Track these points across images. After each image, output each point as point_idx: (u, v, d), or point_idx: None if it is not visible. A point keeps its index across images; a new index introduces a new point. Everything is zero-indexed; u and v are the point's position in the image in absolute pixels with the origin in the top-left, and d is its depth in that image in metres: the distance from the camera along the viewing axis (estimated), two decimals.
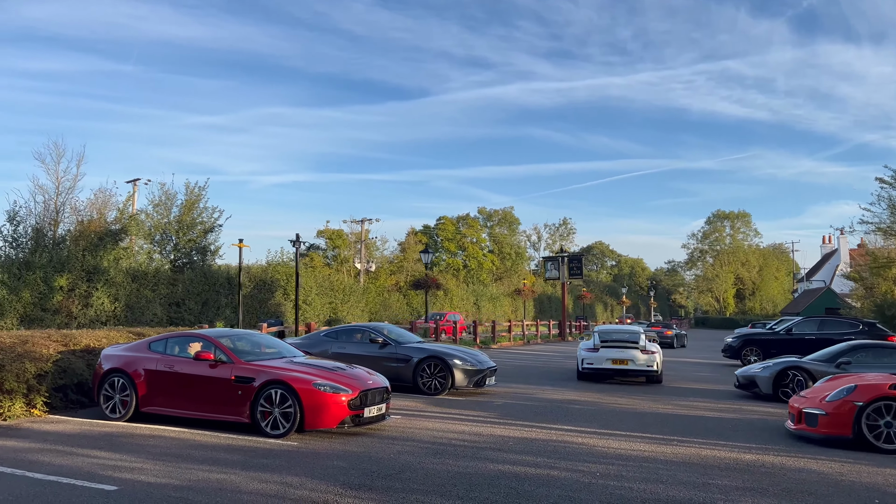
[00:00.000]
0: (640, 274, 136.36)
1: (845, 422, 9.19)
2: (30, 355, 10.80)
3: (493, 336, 31.94)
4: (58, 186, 29.51)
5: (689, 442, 9.50)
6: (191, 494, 6.36)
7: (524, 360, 24.99)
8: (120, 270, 28.91)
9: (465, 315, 52.99)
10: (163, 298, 30.75)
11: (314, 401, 9.08)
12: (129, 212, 31.88)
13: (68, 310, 27.10)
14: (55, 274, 26.58)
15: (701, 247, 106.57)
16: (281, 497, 6.33)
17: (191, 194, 33.89)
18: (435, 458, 8.10)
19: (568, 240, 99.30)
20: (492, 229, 79.03)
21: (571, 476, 7.36)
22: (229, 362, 9.74)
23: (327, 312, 39.09)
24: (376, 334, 14.53)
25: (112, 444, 8.56)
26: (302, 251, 59.55)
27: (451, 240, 69.45)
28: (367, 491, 6.59)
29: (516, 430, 10.14)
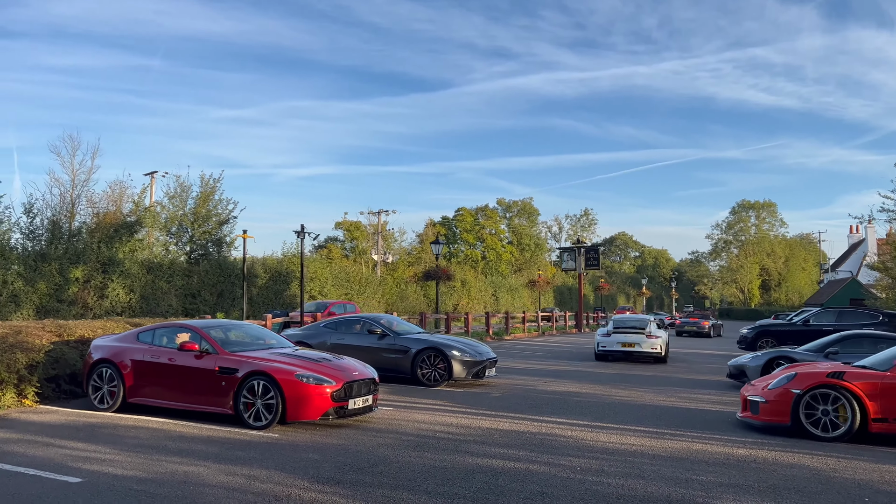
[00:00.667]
0: (663, 265, 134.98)
1: (784, 409, 9.22)
2: (21, 346, 10.81)
3: (506, 327, 31.67)
4: (73, 179, 29.80)
5: (683, 435, 9.21)
6: (152, 487, 6.25)
7: (533, 351, 24.72)
8: (135, 262, 29.12)
9: (484, 306, 52.82)
10: (178, 290, 30.97)
11: (297, 392, 8.95)
12: (144, 204, 32.12)
13: (84, 301, 27.39)
14: (71, 265, 26.85)
15: (725, 237, 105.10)
16: (243, 490, 6.19)
17: (205, 186, 34.06)
18: (414, 451, 7.92)
19: (589, 230, 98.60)
20: (511, 220, 78.59)
21: (550, 471, 7.14)
22: (214, 353, 9.64)
23: None
24: (375, 325, 14.37)
25: (92, 435, 8.50)
26: (321, 242, 59.80)
27: (469, 231, 69.14)
28: (334, 485, 6.43)
29: (506, 422, 9.92)
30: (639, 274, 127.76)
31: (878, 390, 8.85)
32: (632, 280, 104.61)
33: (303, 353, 10.11)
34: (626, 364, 20.16)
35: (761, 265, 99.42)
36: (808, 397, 9.10)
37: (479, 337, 29.00)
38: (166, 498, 5.94)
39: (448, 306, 47.22)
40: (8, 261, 24.68)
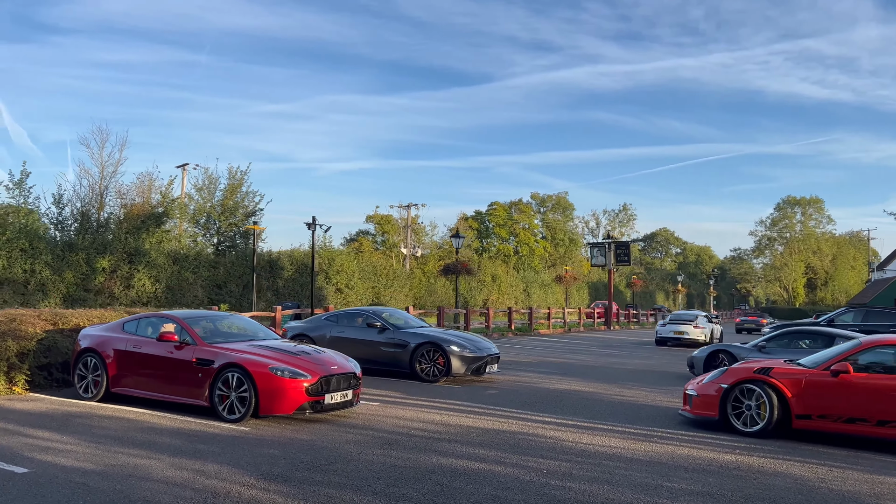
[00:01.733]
0: (706, 262, 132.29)
1: (713, 403, 9.32)
2: (13, 333, 10.88)
3: (529, 323, 31.19)
4: (102, 171, 30.32)
5: (674, 438, 8.76)
6: (95, 480, 6.11)
7: (552, 348, 24.27)
8: (161, 253, 29.43)
9: (515, 301, 52.33)
10: (204, 281, 31.24)
11: (270, 385, 8.76)
12: (172, 195, 32.49)
13: (110, 290, 27.78)
14: (98, 255, 27.24)
15: (769, 234, 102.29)
16: (183, 486, 6.01)
17: (233, 178, 34.35)
18: (381, 448, 7.67)
19: (628, 226, 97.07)
20: (545, 215, 77.71)
21: (514, 473, 6.81)
22: (193, 344, 9.53)
23: (370, 297, 39.07)
24: (375, 319, 14.15)
25: (63, 425, 8.45)
26: (352, 236, 59.99)
27: (502, 226, 68.57)
28: (280, 483, 6.21)
29: (491, 420, 9.60)
30: (680, 271, 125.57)
31: (801, 387, 8.79)
32: (671, 277, 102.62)
33: (283, 345, 9.91)
34: (649, 361, 19.62)
35: (807, 263, 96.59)
36: (737, 392, 9.18)
37: (500, 333, 28.67)
38: (102, 492, 5.79)
39: (477, 301, 46.88)
40: (37, 250, 25.12)
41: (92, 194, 29.98)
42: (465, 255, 54.69)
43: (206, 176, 34.68)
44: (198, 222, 34.34)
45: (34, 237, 25.38)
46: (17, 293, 24.48)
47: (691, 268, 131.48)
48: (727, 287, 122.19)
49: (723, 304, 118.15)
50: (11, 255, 24.25)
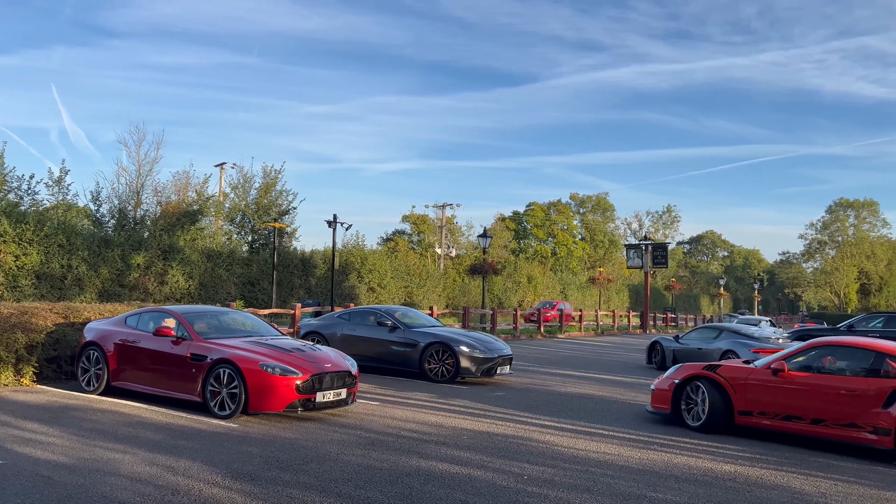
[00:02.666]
0: (755, 265, 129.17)
1: (666, 397, 9.67)
2: (23, 326, 11.04)
3: (560, 325, 30.71)
4: (139, 168, 30.89)
5: (674, 446, 8.37)
6: (61, 473, 6.08)
7: (578, 350, 23.80)
8: (195, 250, 29.85)
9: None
10: (237, 278, 31.61)
11: (260, 382, 8.66)
12: (206, 194, 32.93)
13: (145, 286, 28.26)
14: (133, 252, 27.75)
15: (820, 237, 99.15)
16: (146, 482, 5.92)
17: (267, 177, 34.68)
18: (363, 449, 7.49)
19: (672, 228, 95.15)
20: (584, 216, 76.66)
21: (493, 478, 6.55)
22: (189, 339, 9.50)
23: (402, 296, 39.05)
24: (386, 317, 14.00)
25: (55, 418, 8.50)
26: (388, 235, 60.06)
27: (540, 226, 67.86)
28: (245, 482, 6.08)
29: (487, 423, 9.34)
30: (726, 274, 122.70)
31: (745, 385, 9.02)
32: (716, 280, 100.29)
33: (278, 342, 9.74)
34: None
35: (860, 268, 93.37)
36: (688, 387, 9.50)
37: (528, 334, 28.28)
38: (63, 486, 5.74)
39: (512, 302, 46.49)
40: (74, 246, 25.67)
41: (129, 192, 30.63)
42: (501, 256, 54.29)
43: (241, 175, 35.14)
44: (233, 220, 34.80)
45: (71, 233, 25.93)
46: (55, 288, 25.04)
47: (738, 271, 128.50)
48: (776, 291, 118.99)
49: (771, 308, 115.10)
50: (49, 250, 24.80)
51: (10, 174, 26.96)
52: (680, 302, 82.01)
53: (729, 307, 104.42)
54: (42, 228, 24.69)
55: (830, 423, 8.32)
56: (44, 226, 24.89)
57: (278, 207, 34.54)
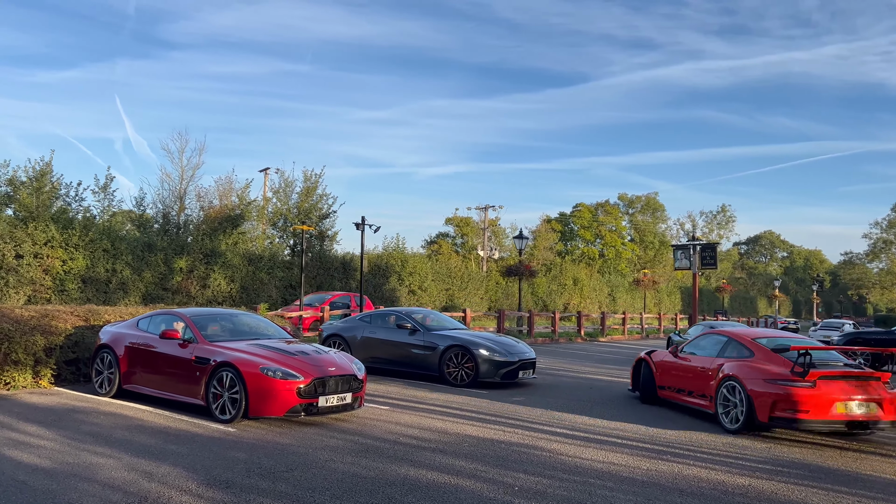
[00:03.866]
0: (816, 266, 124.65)
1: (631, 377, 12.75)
2: (42, 329, 11.18)
3: (601, 328, 29.96)
4: (182, 174, 31.51)
5: (688, 456, 7.86)
6: (37, 478, 5.99)
7: (617, 354, 23.11)
8: (237, 253, 30.22)
9: (598, 306, 50.78)
10: (279, 281, 31.92)
11: (260, 386, 8.49)
12: (248, 198, 33.32)
13: (187, 290, 28.74)
14: (175, 256, 28.23)
15: (886, 236, 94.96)
16: (118, 488, 5.78)
17: (308, 181, 34.93)
18: (354, 456, 7.24)
19: (727, 228, 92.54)
20: (633, 217, 75.08)
21: (481, 488, 6.21)
22: (195, 342, 9.42)
23: (443, 299, 38.85)
24: (406, 320, 13.74)
25: (57, 420, 8.51)
26: (432, 238, 59.90)
27: (587, 228, 66.75)
28: (219, 489, 5.88)
29: (495, 430, 8.98)
30: (786, 276, 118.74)
31: (656, 365, 11.69)
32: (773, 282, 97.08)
33: (283, 345, 9.54)
34: None
35: None
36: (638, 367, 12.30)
37: (568, 337, 27.68)
38: (34, 490, 5.65)
39: (558, 304, 45.81)
40: (118, 250, 26.22)
41: (172, 197, 31.25)
42: (546, 258, 53.58)
43: (282, 179, 35.51)
44: (275, 224, 35.18)
45: (116, 238, 26.52)
46: (100, 291, 25.64)
47: (799, 272, 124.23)
48: (838, 293, 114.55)
49: (833, 311, 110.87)
50: (95, 254, 25.40)
51: (59, 181, 27.75)
52: (736, 304, 79.67)
53: (788, 310, 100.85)
54: (88, 233, 25.31)
55: (695, 395, 10.53)
56: (89, 231, 25.51)
57: (319, 211, 34.77)
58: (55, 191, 27.31)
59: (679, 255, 40.48)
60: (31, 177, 26.12)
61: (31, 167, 26.20)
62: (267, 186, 41.91)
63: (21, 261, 22.72)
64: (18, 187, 25.92)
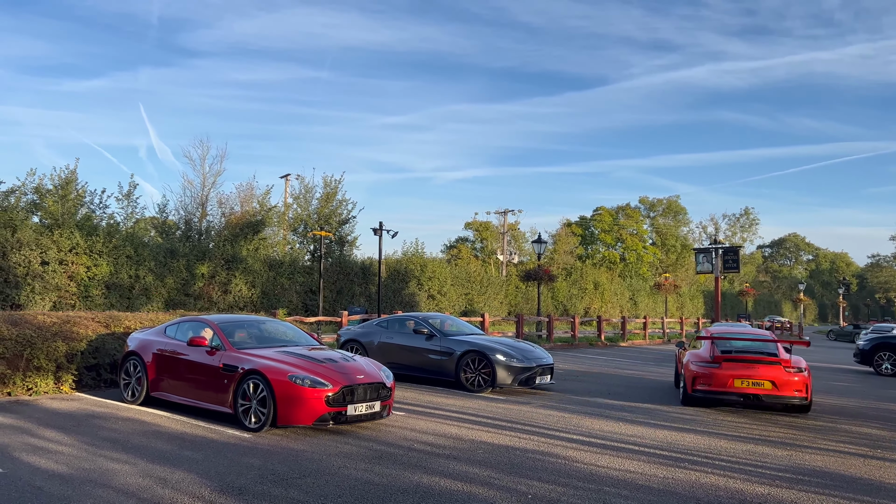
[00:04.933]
0: (843, 269, 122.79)
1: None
2: (64, 335, 11.32)
3: (622, 333, 29.73)
4: (203, 181, 31.83)
5: (707, 464, 7.74)
6: (52, 484, 6.06)
7: (636, 359, 22.90)
8: (258, 259, 30.43)
9: (620, 310, 50.42)
10: (299, 286, 32.07)
11: (288, 394, 8.45)
12: (268, 204, 33.57)
13: (209, 295, 28.99)
14: (197, 262, 28.50)
15: None
16: (131, 494, 5.82)
17: (328, 187, 35.12)
18: (368, 463, 7.23)
19: (750, 231, 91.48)
20: (654, 220, 74.46)
21: (494, 496, 6.16)
22: (223, 349, 9.45)
23: (462, 304, 38.82)
24: (423, 325, 13.73)
25: (76, 426, 8.60)
26: (451, 243, 59.90)
27: (608, 231, 66.34)
28: (231, 496, 5.90)
29: (510, 436, 8.92)
30: (811, 279, 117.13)
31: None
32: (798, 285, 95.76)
33: (310, 353, 9.49)
34: None
35: None
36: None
37: (588, 342, 27.50)
38: (49, 496, 5.71)
39: (578, 309, 45.57)
40: (141, 257, 26.52)
41: (194, 204, 31.58)
42: (567, 262, 53.30)
43: (302, 185, 35.75)
44: (295, 230, 35.40)
45: (139, 244, 26.83)
46: (123, 297, 25.96)
47: (825, 275, 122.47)
48: (865, 296, 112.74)
49: (861, 315, 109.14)
50: (118, 261, 25.71)
51: (84, 189, 28.13)
52: (760, 307, 78.76)
53: (814, 313, 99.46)
54: (111, 240, 25.64)
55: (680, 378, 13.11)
56: (113, 237, 25.84)
57: (338, 216, 34.95)
58: (80, 198, 27.68)
59: (701, 258, 40.21)
60: (56, 185, 26.50)
61: (56, 175, 26.59)
62: (287, 192, 42.26)
63: (46, 267, 23.08)
64: (44, 195, 26.32)
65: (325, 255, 34.92)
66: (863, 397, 14.89)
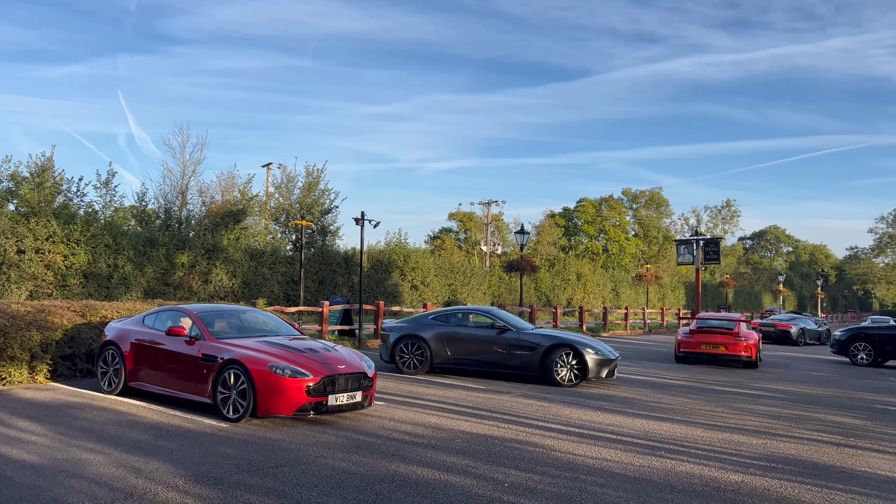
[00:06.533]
0: (822, 261, 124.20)
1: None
2: (38, 324, 11.16)
3: (603, 323, 29.88)
4: (183, 169, 31.49)
5: (683, 452, 7.80)
6: (24, 474, 5.98)
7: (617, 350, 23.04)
8: (238, 249, 30.18)
9: (602, 301, 50.66)
10: (281, 276, 31.87)
11: (268, 384, 8.37)
12: (250, 193, 33.30)
13: (189, 285, 28.74)
14: (177, 251, 28.22)
15: (891, 231, 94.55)
16: (104, 484, 5.76)
17: (310, 176, 34.89)
18: (345, 452, 7.20)
19: (731, 223, 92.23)
20: (637, 212, 74.84)
21: (470, 485, 6.17)
22: (202, 339, 9.36)
23: (446, 294, 38.81)
24: (494, 318, 13.72)
25: (50, 416, 8.50)
26: (435, 233, 59.81)
27: (590, 223, 66.60)
28: (206, 485, 5.86)
29: (487, 426, 8.91)
30: (792, 271, 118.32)
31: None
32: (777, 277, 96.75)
33: (291, 343, 9.42)
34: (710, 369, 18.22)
35: None
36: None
37: (574, 332, 27.56)
38: (20, 486, 5.63)
39: (561, 300, 45.71)
40: (120, 246, 26.21)
41: (174, 192, 31.26)
42: (550, 253, 53.46)
43: (284, 174, 35.49)
44: (277, 220, 35.16)
45: (118, 233, 26.51)
46: (102, 287, 25.65)
47: (804, 267, 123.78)
48: (843, 288, 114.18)
49: (839, 307, 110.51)
50: (96, 250, 25.38)
51: (61, 176, 27.72)
52: (740, 298, 79.43)
53: (793, 305, 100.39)
54: (90, 229, 25.31)
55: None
56: (91, 226, 25.51)
57: (321, 206, 34.73)
58: (57, 186, 27.27)
59: (682, 250, 40.35)
60: (33, 172, 26.09)
61: (32, 163, 26.18)
62: (269, 181, 41.94)
63: (23, 256, 22.75)
64: (20, 182, 25.90)
65: (308, 244, 34.73)
66: (838, 387, 15.09)
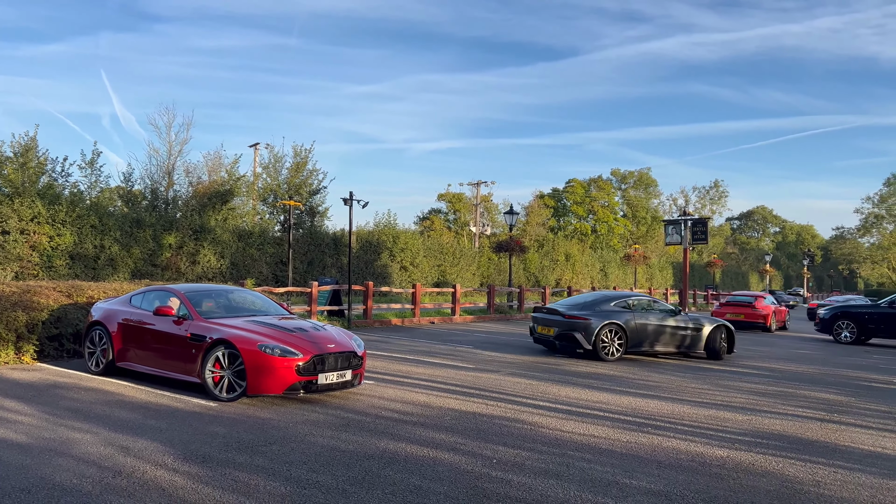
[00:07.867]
0: (808, 241, 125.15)
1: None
2: (24, 305, 11.09)
3: None
4: (169, 149, 31.20)
5: (669, 429, 7.87)
6: (12, 454, 5.95)
7: None
8: (226, 229, 30.02)
9: (591, 281, 50.89)
10: (269, 257, 31.76)
11: (258, 363, 8.35)
12: (237, 173, 33.06)
13: (176, 266, 28.58)
14: (164, 232, 28.04)
15: (877, 211, 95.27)
16: (93, 463, 5.75)
17: (298, 157, 34.68)
18: (334, 430, 7.22)
19: (720, 203, 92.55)
20: (625, 192, 75.00)
21: (458, 461, 6.20)
22: (190, 319, 9.32)
23: (435, 275, 38.84)
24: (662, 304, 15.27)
25: (37, 395, 8.46)
26: (424, 214, 59.76)
27: (580, 203, 66.67)
28: (195, 464, 5.86)
29: (477, 403, 8.97)
30: (779, 251, 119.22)
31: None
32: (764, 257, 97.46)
33: (280, 322, 9.41)
34: None
35: None
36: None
37: None
38: (9, 466, 5.61)
39: (549, 280, 45.87)
40: (106, 226, 26.01)
41: (160, 172, 30.99)
42: (539, 234, 53.54)
43: (272, 155, 35.24)
44: (265, 200, 34.97)
45: (104, 214, 26.29)
46: (88, 268, 25.46)
47: (791, 247, 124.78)
48: (829, 267, 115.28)
49: (825, 286, 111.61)
50: (82, 231, 25.18)
51: (45, 156, 27.40)
52: (728, 279, 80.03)
53: (779, 284, 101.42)
54: (75, 209, 25.08)
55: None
56: (77, 207, 25.27)
57: (309, 187, 34.56)
58: (41, 166, 26.96)
59: (670, 230, 40.50)
60: (16, 152, 25.75)
61: (15, 142, 25.82)
62: (257, 162, 41.64)
63: (7, 237, 22.53)
64: (3, 162, 25.58)
65: (296, 225, 34.61)
66: (822, 364, 15.27)
